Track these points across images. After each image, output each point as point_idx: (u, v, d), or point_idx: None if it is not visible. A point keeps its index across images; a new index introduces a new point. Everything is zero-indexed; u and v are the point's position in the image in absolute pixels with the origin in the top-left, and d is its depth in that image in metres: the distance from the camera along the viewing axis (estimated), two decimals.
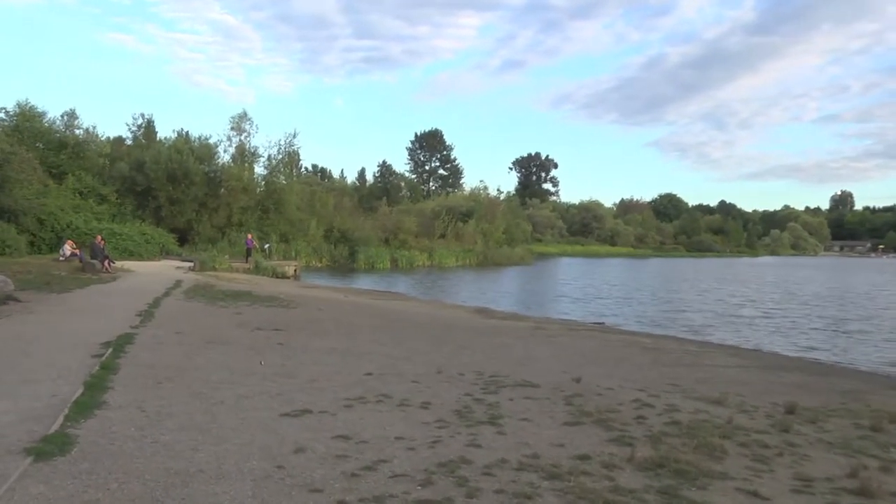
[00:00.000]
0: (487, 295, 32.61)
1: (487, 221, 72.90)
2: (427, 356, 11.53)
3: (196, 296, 19.23)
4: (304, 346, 11.79)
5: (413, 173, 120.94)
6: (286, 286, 28.35)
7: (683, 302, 30.95)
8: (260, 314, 16.09)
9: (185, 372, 8.82)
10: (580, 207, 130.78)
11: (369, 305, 21.77)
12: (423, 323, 17.23)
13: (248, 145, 51.47)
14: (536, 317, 23.09)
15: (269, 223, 48.83)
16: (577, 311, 26.40)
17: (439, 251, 60.14)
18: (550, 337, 15.68)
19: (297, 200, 53.80)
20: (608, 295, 33.67)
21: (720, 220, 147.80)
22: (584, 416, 7.49)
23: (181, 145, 46.30)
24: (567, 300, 30.98)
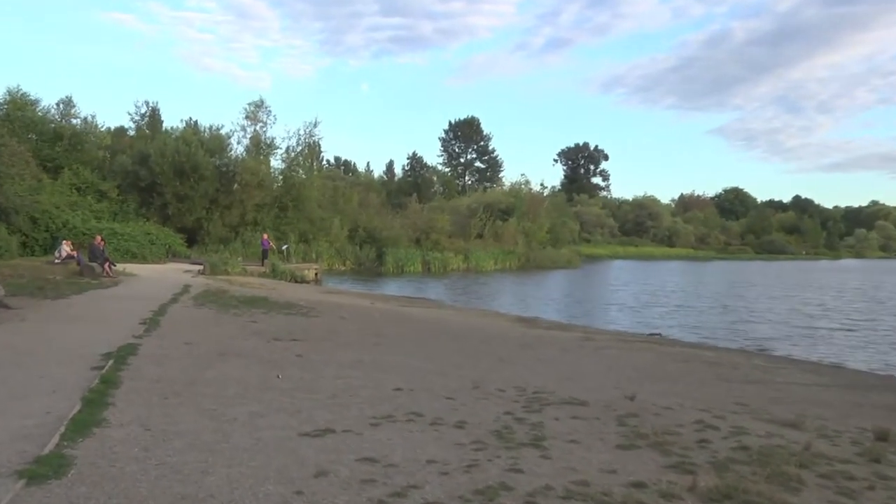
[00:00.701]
0: (530, 302, 32.48)
1: (530, 220, 72.68)
2: (462, 370, 11.47)
3: (206, 302, 19.42)
4: (326, 358, 11.82)
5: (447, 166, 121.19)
6: (306, 291, 28.51)
7: (751, 311, 30.46)
8: (277, 323, 16.19)
9: (194, 386, 8.89)
10: (634, 204, 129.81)
11: (398, 313, 21.79)
12: (459, 333, 17.19)
13: (264, 136, 51.99)
14: (584, 326, 22.88)
15: (287, 222, 49.27)
16: (630, 320, 26.13)
17: (476, 253, 60.12)
18: (600, 349, 15.53)
19: (318, 197, 54.21)
20: (665, 302, 33.31)
21: (794, 218, 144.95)
22: (638, 439, 7.37)
23: (189, 136, 46.95)
24: (618, 308, 30.69)
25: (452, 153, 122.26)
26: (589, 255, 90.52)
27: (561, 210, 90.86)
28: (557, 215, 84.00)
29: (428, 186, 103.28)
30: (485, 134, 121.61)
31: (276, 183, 51.90)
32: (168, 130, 51.41)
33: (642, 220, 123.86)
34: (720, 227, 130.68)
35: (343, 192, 63.25)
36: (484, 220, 66.80)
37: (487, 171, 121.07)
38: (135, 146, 47.73)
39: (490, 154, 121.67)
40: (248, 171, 46.74)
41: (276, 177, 52.40)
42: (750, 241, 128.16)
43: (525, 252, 66.16)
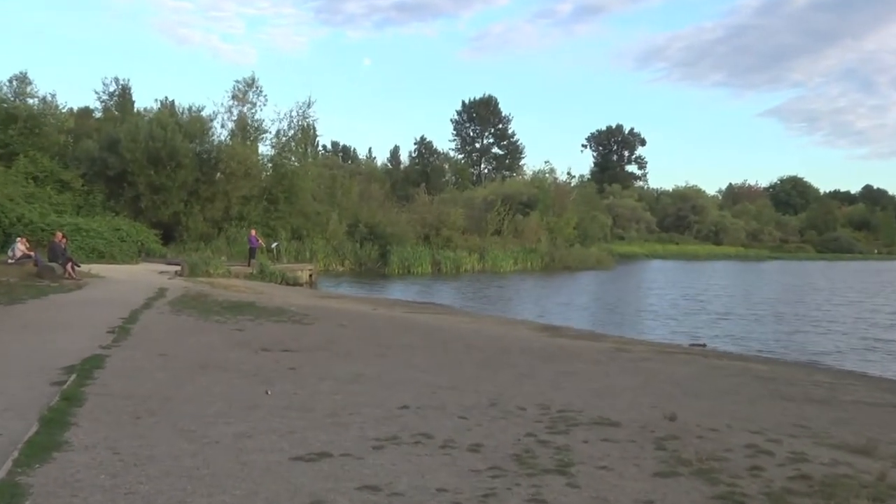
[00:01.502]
0: (554, 308, 32.44)
1: (555, 214, 72.70)
2: (478, 385, 11.44)
3: (185, 308, 19.46)
4: (322, 371, 11.82)
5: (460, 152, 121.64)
6: (299, 296, 28.55)
7: (812, 319, 30.30)
8: (266, 331, 16.22)
9: (171, 404, 8.89)
10: (675, 195, 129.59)
11: (405, 320, 21.79)
12: (474, 343, 17.16)
13: (252, 118, 52.13)
14: (617, 336, 22.81)
15: (277, 216, 49.43)
16: (670, 329, 26.07)
17: (493, 252, 60.18)
18: (635, 362, 15.47)
19: (312, 187, 54.39)
20: (710, 309, 33.18)
21: (864, 212, 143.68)
22: (680, 465, 7.32)
23: (165, 118, 47.12)
24: (656, 315, 30.61)
25: (466, 138, 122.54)
26: (623, 255, 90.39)
27: (591, 202, 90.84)
28: (586, 209, 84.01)
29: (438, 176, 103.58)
30: (503, 115, 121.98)
31: (265, 172, 52.11)
32: (141, 112, 51.73)
33: (685, 214, 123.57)
34: (775, 222, 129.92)
35: (341, 183, 63.42)
36: (502, 215, 66.84)
37: (506, 157, 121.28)
38: (102, 130, 47.98)
39: (509, 138, 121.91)
40: (232, 159, 46.92)
41: (264, 165, 52.63)
42: (811, 239, 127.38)
43: (549, 251, 66.17)
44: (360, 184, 69.33)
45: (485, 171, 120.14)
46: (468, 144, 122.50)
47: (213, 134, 50.14)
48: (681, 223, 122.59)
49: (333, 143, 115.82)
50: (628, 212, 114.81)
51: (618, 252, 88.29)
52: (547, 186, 77.79)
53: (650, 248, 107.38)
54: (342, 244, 52.29)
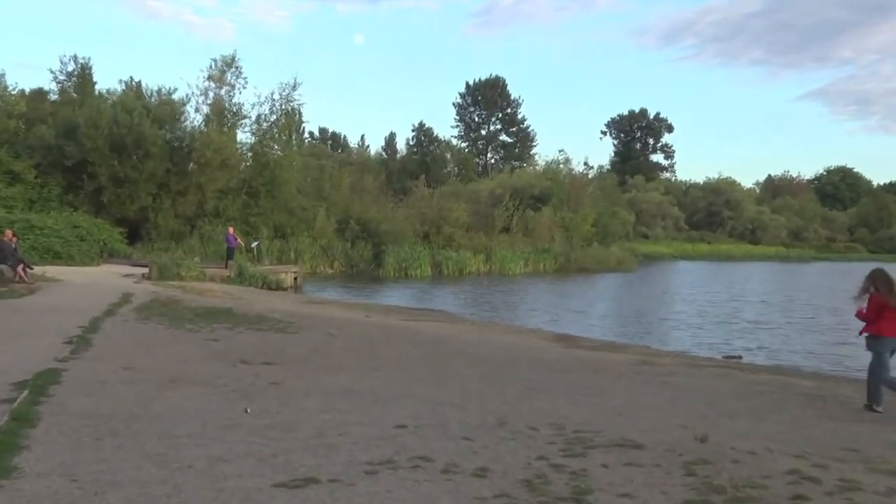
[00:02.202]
0: (570, 315, 32.41)
1: (570, 209, 72.71)
2: (484, 401, 11.41)
3: (153, 315, 19.45)
4: (309, 386, 11.80)
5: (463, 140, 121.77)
6: (283, 301, 28.54)
7: None
8: (245, 341, 16.22)
9: (137, 423, 8.86)
10: (706, 188, 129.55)
11: (401, 329, 21.77)
12: (479, 354, 17.14)
13: (230, 102, 52.14)
14: (641, 347, 22.78)
15: (258, 212, 49.51)
16: (700, 339, 26.02)
17: (500, 252, 60.24)
18: (662, 376, 15.43)
19: (298, 179, 54.45)
20: (746, 317, 33.14)
21: None
22: (712, 493, 7.27)
23: (131, 102, 47.13)
24: (685, 323, 30.58)
25: (471, 124, 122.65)
26: (647, 255, 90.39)
27: (611, 196, 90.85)
28: (606, 203, 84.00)
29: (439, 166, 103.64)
30: (512, 99, 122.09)
31: (245, 162, 52.21)
32: (103, 94, 51.70)
33: (717, 209, 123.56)
34: (821, 218, 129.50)
35: (330, 174, 63.47)
36: (511, 210, 66.86)
37: (516, 146, 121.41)
38: (59, 114, 47.87)
39: (519, 125, 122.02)
40: (208, 147, 46.98)
41: (244, 154, 52.72)
42: (862, 237, 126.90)
43: (564, 251, 66.22)
44: (352, 175, 69.37)
45: (491, 162, 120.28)
46: (473, 131, 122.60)
47: (185, 119, 50.29)
48: (713, 220, 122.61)
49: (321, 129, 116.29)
50: (653, 207, 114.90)
51: (641, 252, 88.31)
52: (561, 178, 77.75)
53: (678, 247, 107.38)
54: (331, 243, 52.35)
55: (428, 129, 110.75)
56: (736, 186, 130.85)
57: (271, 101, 54.12)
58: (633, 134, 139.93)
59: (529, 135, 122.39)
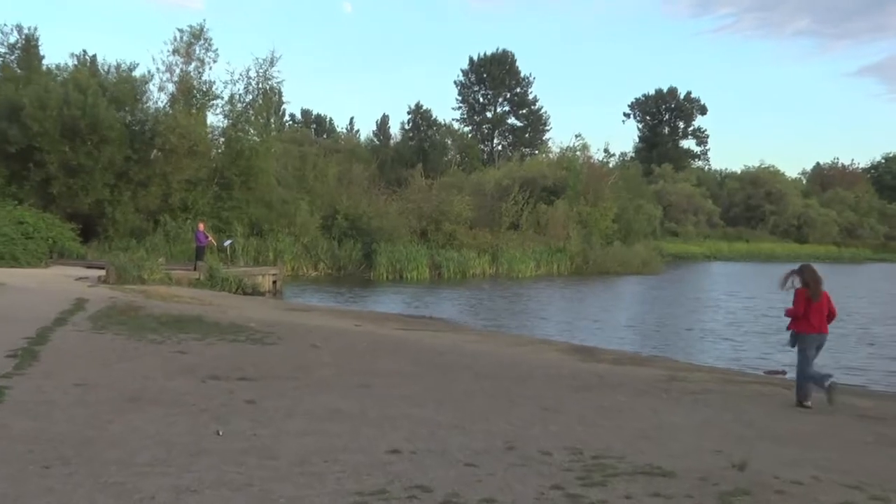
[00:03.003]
0: (588, 323, 32.41)
1: (588, 203, 72.61)
2: (490, 422, 11.42)
3: (111, 324, 19.43)
4: (290, 405, 11.80)
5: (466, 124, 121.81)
6: (260, 308, 28.54)
7: None
8: (217, 354, 16.23)
9: (92, 449, 8.86)
10: (744, 179, 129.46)
11: (396, 340, 21.77)
12: (484, 368, 17.14)
13: (199, 79, 52.06)
14: (670, 360, 22.75)
15: (231, 206, 49.46)
16: (738, 351, 26.04)
17: (508, 252, 60.25)
18: (694, 394, 15.43)
19: (277, 169, 54.35)
20: None
21: None
22: None
23: (85, 79, 47.04)
24: (720, 334, 30.55)
25: (475, 105, 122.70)
26: (676, 255, 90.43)
27: (635, 188, 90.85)
28: (629, 196, 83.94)
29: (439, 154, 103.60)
30: (522, 77, 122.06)
31: (216, 149, 52.11)
32: (52, 70, 51.56)
33: (757, 202, 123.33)
34: (879, 213, 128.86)
35: (314, 163, 63.53)
36: (521, 204, 66.83)
37: (526, 130, 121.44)
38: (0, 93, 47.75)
39: (530, 106, 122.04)
40: (173, 132, 46.88)
41: (215, 140, 52.61)
42: None
43: (581, 250, 66.16)
44: (339, 164, 69.37)
45: (498, 149, 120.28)
46: (477, 114, 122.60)
47: (147, 100, 50.24)
48: (752, 215, 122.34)
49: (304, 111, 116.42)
50: (683, 200, 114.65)
51: (669, 252, 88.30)
52: (578, 167, 77.59)
53: (712, 246, 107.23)
54: (315, 242, 52.34)
55: (426, 112, 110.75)
56: (779, 176, 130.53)
57: (246, 79, 53.95)
58: (660, 116, 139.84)
59: (542, 118, 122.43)
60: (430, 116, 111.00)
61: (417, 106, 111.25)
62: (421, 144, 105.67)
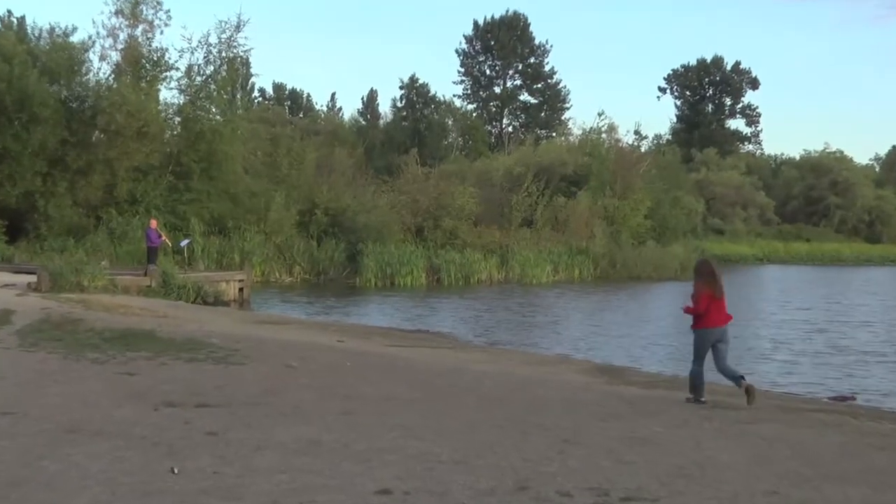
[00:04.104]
0: (615, 339, 32.39)
1: (616, 195, 72.62)
2: (498, 457, 11.40)
3: (44, 341, 19.44)
4: (260, 437, 11.78)
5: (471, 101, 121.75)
6: (224, 320, 28.54)
7: None
8: (172, 376, 16.22)
9: (21, 490, 8.86)
10: (804, 166, 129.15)
11: (387, 358, 21.78)
12: (491, 392, 17.14)
13: (148, 46, 51.97)
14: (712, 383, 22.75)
15: (189, 198, 49.45)
16: (795, 372, 26.08)
17: (521, 253, 60.22)
18: (743, 423, 15.40)
19: (244, 154, 54.28)
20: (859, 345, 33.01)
21: None
22: None
23: (11, 46, 46.96)
24: (773, 351, 30.60)
25: (480, 78, 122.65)
26: (722, 257, 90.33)
27: (672, 177, 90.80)
28: (666, 186, 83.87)
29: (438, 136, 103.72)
30: (537, 44, 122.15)
31: (171, 130, 52.07)
32: None
33: (820, 194, 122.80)
34: None
35: (289, 147, 63.41)
36: (535, 196, 66.82)
37: (542, 108, 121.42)
38: None
39: (546, 79, 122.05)
40: (119, 109, 46.75)
41: (169, 119, 52.55)
42: None
43: (608, 251, 66.18)
44: (318, 148, 69.41)
45: (508, 130, 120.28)
46: (483, 89, 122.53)
47: (87, 71, 50.15)
48: (814, 209, 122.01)
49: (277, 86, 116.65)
50: (731, 192, 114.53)
51: (714, 253, 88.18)
52: (604, 153, 77.62)
53: (765, 246, 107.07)
54: (290, 241, 52.38)
55: (422, 86, 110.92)
56: (846, 163, 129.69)
57: (207, 47, 53.95)
58: (702, 92, 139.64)
59: (560, 93, 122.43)
60: (428, 92, 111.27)
61: (412, 79, 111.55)
62: (416, 125, 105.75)
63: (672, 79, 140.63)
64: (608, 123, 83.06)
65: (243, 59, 57.29)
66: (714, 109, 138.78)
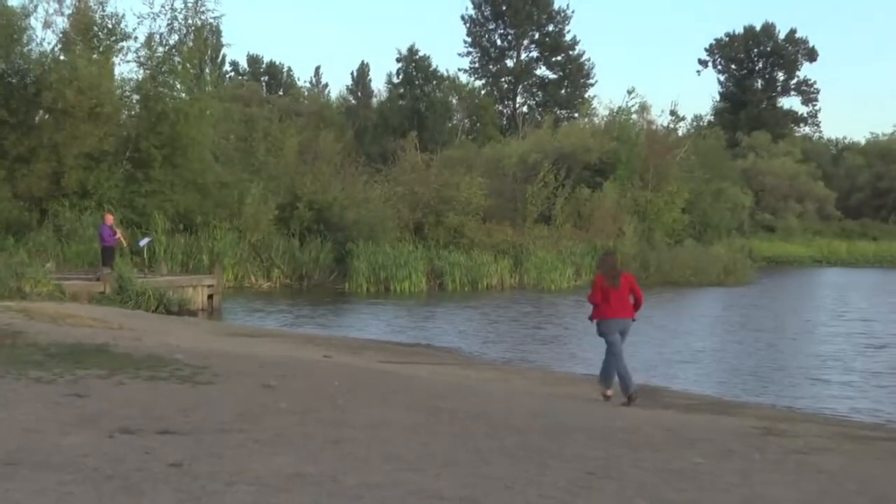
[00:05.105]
0: (648, 355, 32.35)
1: (649, 186, 72.65)
2: (513, 493, 11.38)
3: None
4: (232, 469, 11.75)
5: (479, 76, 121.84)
6: (191, 332, 28.58)
7: None
8: (129, 398, 16.21)
9: None
10: (871, 152, 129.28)
11: (381, 377, 21.79)
12: (504, 417, 17.14)
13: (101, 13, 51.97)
14: (764, 406, 22.72)
15: (150, 190, 49.48)
16: (862, 394, 26.05)
17: (536, 254, 60.24)
18: (800, 454, 15.39)
19: (214, 139, 54.35)
20: None
21: None
22: None
23: None
24: (835, 370, 30.52)
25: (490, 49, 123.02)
26: (773, 259, 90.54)
27: (715, 165, 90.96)
28: (707, 176, 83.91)
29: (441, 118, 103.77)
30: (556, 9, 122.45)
31: (128, 110, 52.08)
32: None
33: (890, 185, 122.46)
34: None
35: (267, 130, 63.51)
36: (554, 187, 66.82)
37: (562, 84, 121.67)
38: None
39: (567, 51, 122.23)
40: (68, 86, 46.73)
41: (126, 97, 52.55)
42: None
43: (639, 252, 66.35)
44: (301, 132, 69.48)
45: (523, 110, 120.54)
46: (493, 62, 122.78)
47: (29, 40, 50.09)
48: (882, 202, 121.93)
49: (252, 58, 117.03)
50: (784, 182, 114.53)
51: (763, 254, 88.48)
52: (634, 136, 77.67)
53: (824, 247, 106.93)
54: (268, 240, 52.47)
55: (422, 59, 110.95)
56: None
57: (170, 13, 54.04)
58: (750, 65, 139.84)
59: (583, 67, 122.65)
60: (429, 66, 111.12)
61: (411, 51, 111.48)
62: (415, 105, 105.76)
63: (715, 50, 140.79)
64: (639, 102, 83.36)
65: (213, 26, 57.36)
66: (764, 86, 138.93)
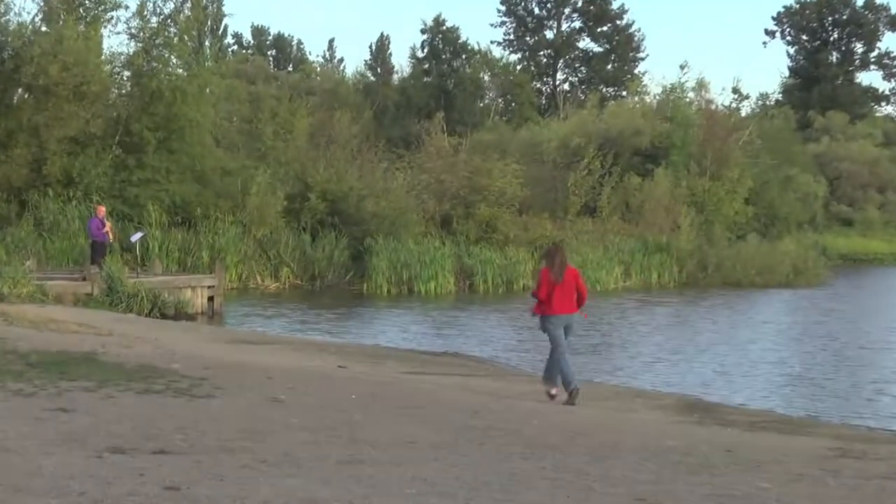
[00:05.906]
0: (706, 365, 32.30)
1: (707, 174, 72.40)
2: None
3: None
4: (236, 493, 11.77)
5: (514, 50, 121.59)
6: (189, 339, 28.62)
7: None
8: (120, 413, 16.24)
9: None
10: None
11: (403, 390, 21.84)
12: (543, 437, 17.15)
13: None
14: (839, 424, 22.66)
15: (143, 179, 49.51)
16: None
17: (580, 251, 59.95)
18: (882, 479, 15.35)
19: (215, 121, 54.39)
20: None
21: None
22: None
23: None
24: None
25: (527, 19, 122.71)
26: (850, 256, 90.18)
27: (783, 150, 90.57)
28: (775, 162, 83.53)
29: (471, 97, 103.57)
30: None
31: (119, 88, 52.16)
32: None
33: None
34: None
35: (274, 111, 63.55)
36: (599, 175, 66.69)
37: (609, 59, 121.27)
38: None
39: (614, 21, 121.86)
40: (52, 61, 46.78)
41: (116, 74, 52.62)
42: None
43: (696, 248, 65.98)
44: (313, 113, 69.46)
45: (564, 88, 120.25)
46: (531, 33, 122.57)
47: (6, 10, 50.30)
48: None
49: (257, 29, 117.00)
50: (863, 169, 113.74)
51: (839, 251, 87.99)
52: (689, 118, 77.42)
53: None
54: (276, 236, 52.39)
55: (450, 30, 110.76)
56: None
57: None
58: (824, 35, 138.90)
59: (632, 39, 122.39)
60: (457, 38, 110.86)
61: (437, 21, 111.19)
62: (442, 82, 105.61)
63: (783, 18, 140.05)
64: (696, 79, 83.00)
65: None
66: (840, 59, 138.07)
